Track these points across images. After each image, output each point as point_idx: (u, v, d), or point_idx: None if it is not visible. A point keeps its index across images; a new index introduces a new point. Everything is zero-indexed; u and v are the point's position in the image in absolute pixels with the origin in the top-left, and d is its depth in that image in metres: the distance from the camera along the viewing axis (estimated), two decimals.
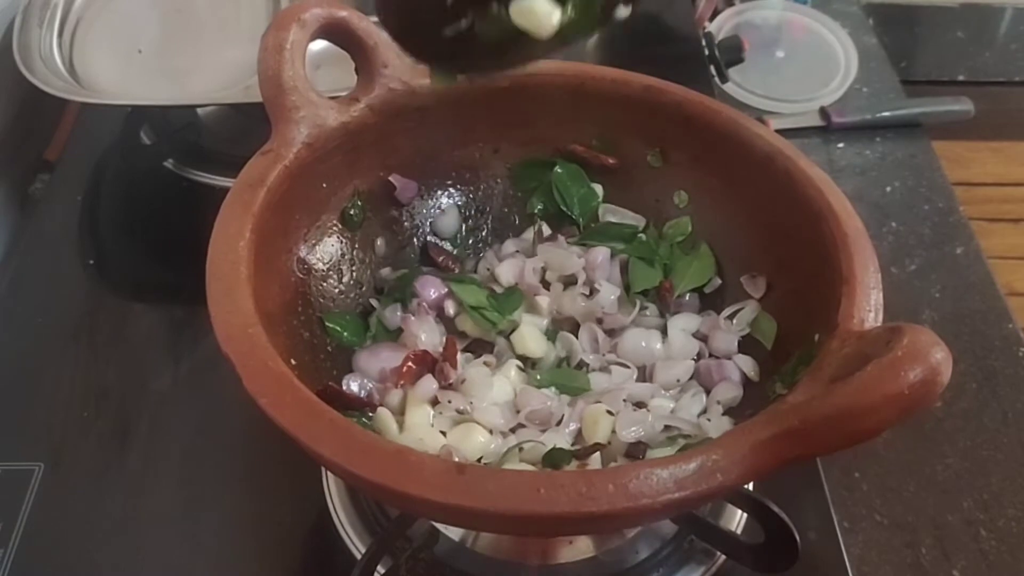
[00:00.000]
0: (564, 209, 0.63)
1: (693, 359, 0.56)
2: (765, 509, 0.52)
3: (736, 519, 0.59)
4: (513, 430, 0.52)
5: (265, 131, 0.53)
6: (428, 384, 0.53)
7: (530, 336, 0.57)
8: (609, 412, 0.51)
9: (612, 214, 0.63)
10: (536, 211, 0.64)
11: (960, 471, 0.67)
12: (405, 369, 0.53)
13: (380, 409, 0.52)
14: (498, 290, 0.60)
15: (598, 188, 0.63)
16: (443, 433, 0.51)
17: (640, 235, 0.62)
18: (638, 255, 0.61)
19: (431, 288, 0.59)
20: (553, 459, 0.48)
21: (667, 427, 0.51)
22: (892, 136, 1.00)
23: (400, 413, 0.53)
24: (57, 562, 0.58)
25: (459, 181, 0.64)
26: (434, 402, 0.53)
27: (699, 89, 0.59)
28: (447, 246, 0.64)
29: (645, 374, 0.57)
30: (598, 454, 0.48)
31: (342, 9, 0.54)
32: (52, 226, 0.83)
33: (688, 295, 0.60)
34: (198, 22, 0.91)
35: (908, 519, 0.64)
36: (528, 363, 0.57)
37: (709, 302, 0.60)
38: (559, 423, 0.52)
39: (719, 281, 0.59)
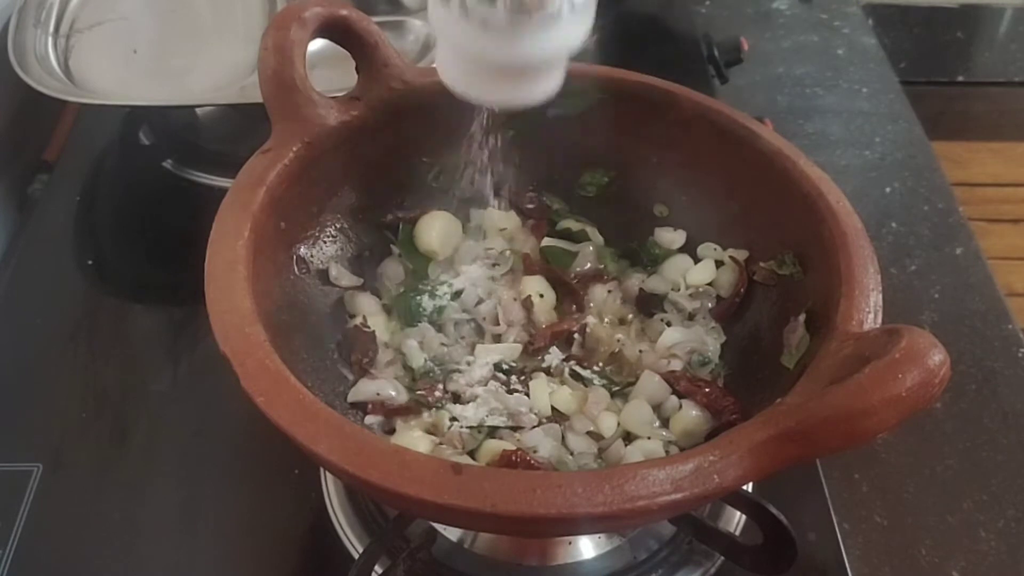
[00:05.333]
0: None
1: None
2: (763, 510, 0.52)
3: (735, 520, 0.59)
4: None
5: (264, 131, 0.53)
6: None
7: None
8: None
9: None
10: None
11: (960, 472, 0.67)
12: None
13: None
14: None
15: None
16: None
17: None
18: None
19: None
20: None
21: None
22: (892, 136, 0.99)
23: None
24: (56, 562, 0.58)
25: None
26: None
27: (698, 89, 0.59)
28: None
29: None
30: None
31: (342, 7, 0.54)
32: (51, 227, 0.82)
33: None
34: (194, 22, 0.91)
35: (908, 520, 0.63)
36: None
37: None
38: None
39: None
